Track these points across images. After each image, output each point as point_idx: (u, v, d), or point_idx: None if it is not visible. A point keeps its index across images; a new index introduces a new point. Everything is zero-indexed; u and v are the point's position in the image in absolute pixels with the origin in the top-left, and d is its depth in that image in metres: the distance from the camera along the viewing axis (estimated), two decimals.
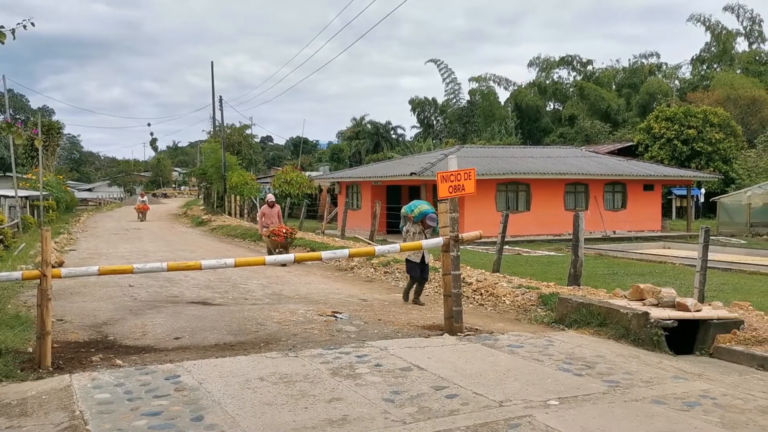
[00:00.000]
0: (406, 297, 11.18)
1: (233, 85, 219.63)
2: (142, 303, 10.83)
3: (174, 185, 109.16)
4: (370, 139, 73.89)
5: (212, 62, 56.71)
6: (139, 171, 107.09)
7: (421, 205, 10.91)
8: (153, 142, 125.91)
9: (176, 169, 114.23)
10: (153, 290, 12.25)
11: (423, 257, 10.94)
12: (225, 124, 54.10)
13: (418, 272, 11.01)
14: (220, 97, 47.49)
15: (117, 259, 17.65)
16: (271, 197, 19.03)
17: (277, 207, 18.40)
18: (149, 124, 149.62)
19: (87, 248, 21.76)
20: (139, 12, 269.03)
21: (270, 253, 16.79)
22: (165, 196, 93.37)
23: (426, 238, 10.35)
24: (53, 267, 6.99)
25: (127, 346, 7.74)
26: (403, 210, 11.16)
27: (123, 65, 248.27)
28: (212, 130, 55.05)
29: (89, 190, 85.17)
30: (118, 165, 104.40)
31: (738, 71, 59.03)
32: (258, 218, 18.83)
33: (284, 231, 17.36)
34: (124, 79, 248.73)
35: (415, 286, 11.15)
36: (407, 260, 11.16)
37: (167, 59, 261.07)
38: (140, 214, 39.83)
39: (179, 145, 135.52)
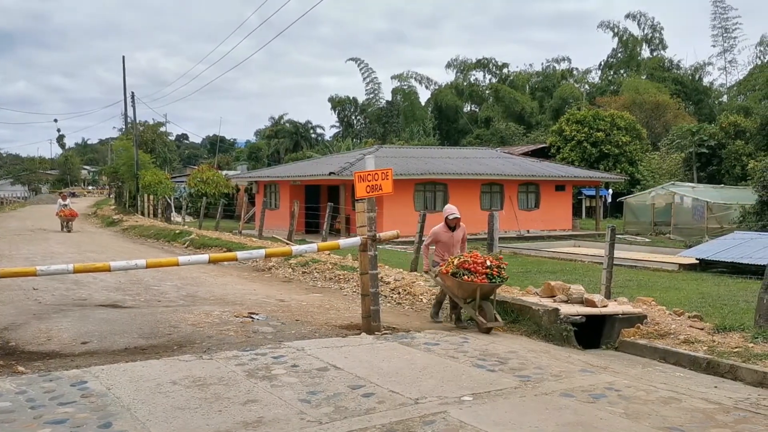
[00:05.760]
0: None
1: (147, 81, 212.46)
2: (47, 307, 10.34)
3: (83, 184, 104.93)
4: (290, 139, 73.17)
5: (123, 57, 54.83)
6: (45, 169, 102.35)
7: None
8: (60, 139, 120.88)
9: (85, 167, 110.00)
10: (59, 293, 11.73)
11: None
12: (138, 121, 52.52)
13: None
14: (132, 93, 46.04)
15: (20, 261, 16.82)
16: (453, 210, 9.63)
17: (463, 227, 9.74)
18: (56, 120, 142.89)
19: None
20: (47, 3, 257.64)
21: (455, 306, 9.23)
22: (74, 195, 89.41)
23: None
24: None
25: (31, 352, 7.38)
26: None
27: (29, 58, 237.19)
28: (124, 127, 53.28)
29: None
30: (22, 162, 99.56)
31: (644, 77, 61.85)
32: (423, 248, 10.59)
33: (489, 264, 8.60)
34: (29, 73, 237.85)
35: None
36: None
37: (77, 53, 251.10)
38: (65, 223, 29.34)
39: (89, 142, 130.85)
